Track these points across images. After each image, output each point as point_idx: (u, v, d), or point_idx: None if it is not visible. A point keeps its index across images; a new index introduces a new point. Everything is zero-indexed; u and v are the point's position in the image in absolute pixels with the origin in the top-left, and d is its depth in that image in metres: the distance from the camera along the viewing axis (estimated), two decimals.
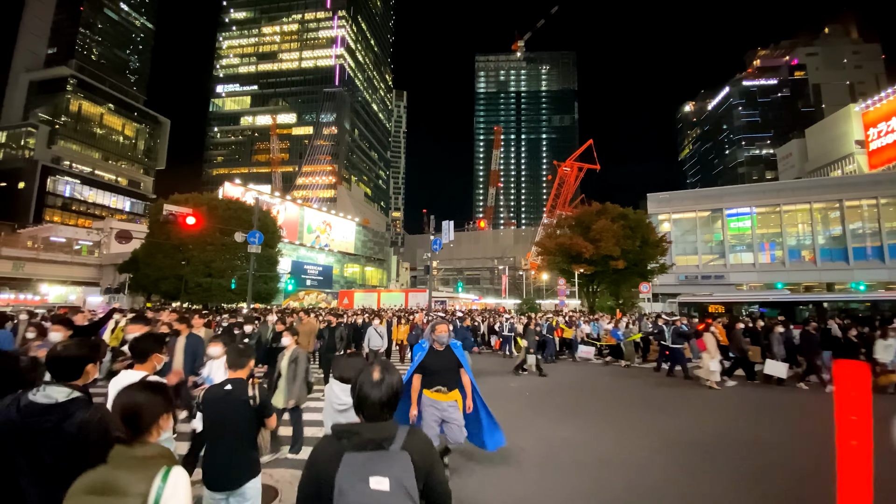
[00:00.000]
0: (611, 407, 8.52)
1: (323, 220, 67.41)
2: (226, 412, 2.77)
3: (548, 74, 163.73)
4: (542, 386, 10.46)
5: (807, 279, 40.54)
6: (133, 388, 1.72)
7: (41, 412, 1.88)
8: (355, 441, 1.57)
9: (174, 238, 26.70)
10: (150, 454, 1.59)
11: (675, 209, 43.65)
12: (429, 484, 1.60)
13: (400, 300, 43.62)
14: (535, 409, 8.23)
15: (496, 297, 65.60)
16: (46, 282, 36.55)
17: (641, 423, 7.30)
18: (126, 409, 1.62)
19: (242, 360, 3.01)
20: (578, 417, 7.60)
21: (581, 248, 27.09)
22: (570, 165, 59.01)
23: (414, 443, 1.60)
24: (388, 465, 1.52)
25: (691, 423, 7.27)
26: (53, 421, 1.87)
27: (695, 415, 7.92)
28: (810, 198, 40.39)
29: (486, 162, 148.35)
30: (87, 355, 2.17)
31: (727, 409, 8.39)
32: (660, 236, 30.01)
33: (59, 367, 2.08)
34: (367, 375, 1.71)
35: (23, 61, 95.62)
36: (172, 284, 27.49)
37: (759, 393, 10.05)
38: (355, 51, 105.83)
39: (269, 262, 30.20)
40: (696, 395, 9.72)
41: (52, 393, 1.94)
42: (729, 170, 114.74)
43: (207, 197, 30.31)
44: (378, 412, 1.66)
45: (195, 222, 13.27)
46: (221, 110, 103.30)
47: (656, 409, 8.28)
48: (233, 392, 2.80)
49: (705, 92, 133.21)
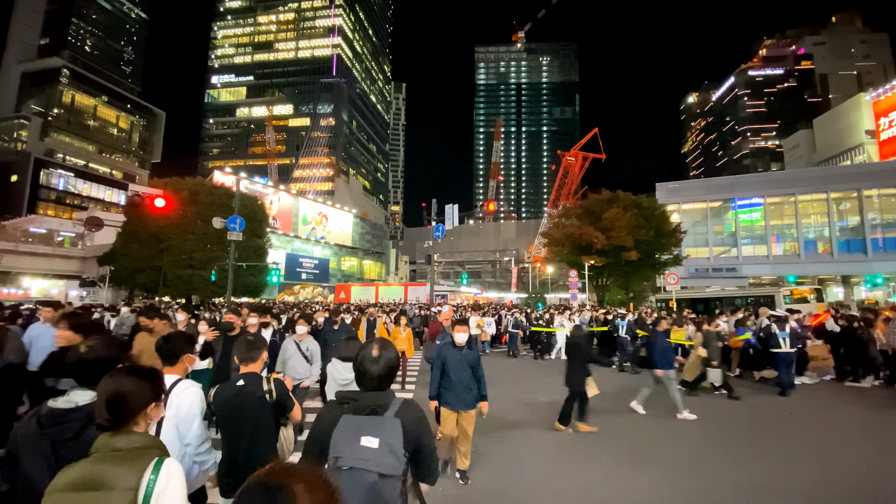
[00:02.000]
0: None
1: (319, 211, 65.40)
2: (240, 411, 2.54)
3: (549, 66, 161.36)
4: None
5: (823, 272, 39.05)
6: (120, 373, 1.62)
7: (61, 418, 1.74)
8: (353, 406, 1.80)
9: (151, 226, 24.48)
10: (137, 445, 1.48)
11: (684, 199, 41.97)
12: (418, 448, 1.83)
13: (399, 294, 42.21)
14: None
15: (498, 291, 64.15)
16: (28, 275, 35.04)
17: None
18: (111, 395, 1.52)
19: (253, 352, 2.78)
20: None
21: (592, 238, 25.47)
22: (574, 155, 57.18)
23: (406, 412, 1.82)
24: (379, 427, 1.71)
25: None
26: (75, 429, 1.73)
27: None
28: (827, 187, 38.73)
29: (486, 155, 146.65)
30: (115, 356, 2.02)
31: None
32: (674, 225, 28.33)
33: (85, 372, 1.89)
34: (367, 352, 1.92)
35: (15, 52, 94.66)
36: (150, 277, 25.30)
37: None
38: (353, 40, 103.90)
39: (257, 253, 28.06)
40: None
41: (75, 397, 1.81)
42: (733, 162, 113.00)
43: (189, 182, 28.03)
44: (376, 384, 1.87)
45: (165, 204, 11.62)
46: (217, 101, 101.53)
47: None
48: (246, 388, 2.58)
49: (709, 83, 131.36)
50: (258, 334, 3.31)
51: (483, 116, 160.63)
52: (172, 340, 2.80)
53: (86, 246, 36.66)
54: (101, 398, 1.53)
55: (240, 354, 2.77)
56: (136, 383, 1.58)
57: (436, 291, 40.57)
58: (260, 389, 2.58)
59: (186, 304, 23.35)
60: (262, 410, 2.57)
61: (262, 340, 2.97)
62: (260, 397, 2.57)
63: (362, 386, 1.88)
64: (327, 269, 63.97)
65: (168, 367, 2.65)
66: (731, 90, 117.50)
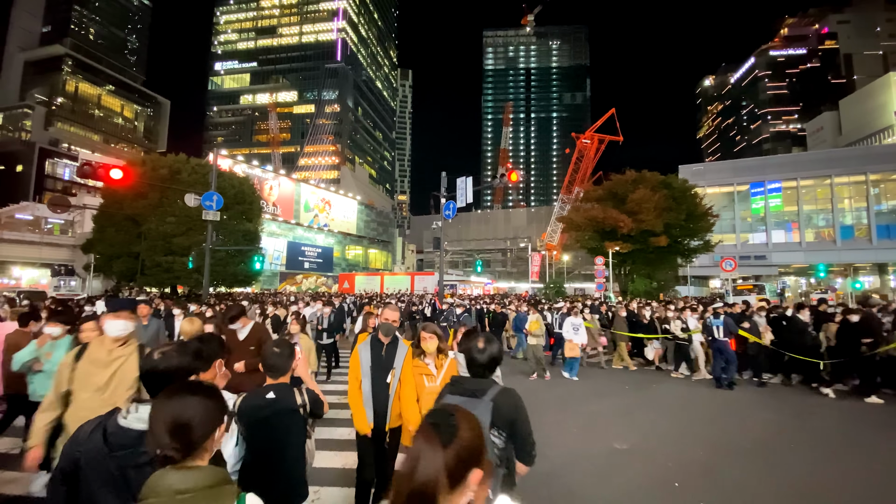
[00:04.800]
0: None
1: (321, 197, 63.10)
2: (269, 425, 2.29)
3: (559, 50, 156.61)
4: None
5: (859, 259, 36.51)
6: (181, 390, 1.32)
7: (134, 441, 1.50)
8: (458, 388, 2.11)
9: (128, 208, 22.24)
10: (209, 483, 1.18)
11: (709, 182, 39.31)
12: (513, 430, 2.02)
13: (405, 284, 40.24)
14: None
15: (510, 281, 61.97)
16: (18, 264, 33.48)
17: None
18: (176, 419, 1.22)
19: (284, 362, 2.46)
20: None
21: (618, 221, 23.21)
22: (589, 137, 54.37)
23: (502, 398, 2.03)
24: (475, 407, 1.93)
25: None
26: (151, 454, 1.39)
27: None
28: (866, 168, 35.95)
29: (495, 142, 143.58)
30: (190, 366, 1.78)
31: None
32: (706, 208, 25.86)
33: (157, 383, 1.65)
34: (474, 343, 2.16)
35: (17, 40, 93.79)
36: (126, 264, 23.08)
37: None
38: (358, 24, 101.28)
39: (248, 239, 25.86)
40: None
41: (146, 415, 1.42)
42: (752, 147, 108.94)
43: (171, 158, 25.58)
44: (480, 371, 2.15)
45: (123, 177, 9.63)
46: (221, 89, 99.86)
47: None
48: (278, 401, 2.34)
49: (727, 65, 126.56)
50: (287, 341, 2.69)
51: (491, 103, 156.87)
52: (207, 343, 2.36)
53: (76, 233, 35.05)
54: (162, 422, 1.21)
55: (269, 364, 2.45)
56: (202, 403, 1.26)
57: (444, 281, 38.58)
58: (294, 402, 2.38)
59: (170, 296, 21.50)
60: (294, 424, 2.38)
61: (292, 348, 2.57)
62: (294, 410, 2.37)
63: (471, 372, 2.17)
64: (331, 257, 61.99)
65: (201, 373, 2.11)
66: (750, 72, 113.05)
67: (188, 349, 1.86)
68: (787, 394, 8.37)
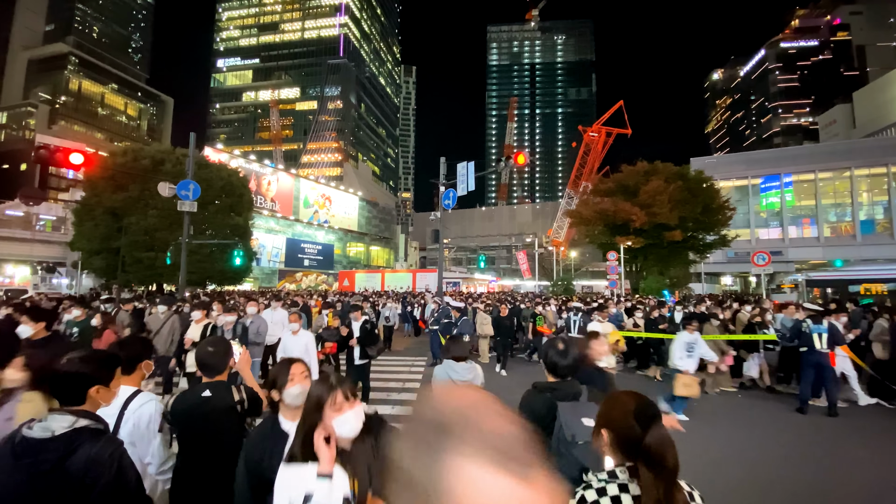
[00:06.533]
0: None
1: (321, 193, 61.95)
2: (204, 423, 2.24)
3: (563, 45, 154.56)
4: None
5: (881, 255, 34.93)
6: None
7: (36, 449, 1.50)
8: (557, 394, 2.14)
9: (106, 200, 21.22)
10: None
11: (723, 175, 37.83)
12: None
13: (406, 281, 39.16)
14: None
15: (514, 279, 60.72)
16: (11, 262, 32.69)
17: None
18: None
19: (220, 361, 2.40)
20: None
21: (630, 215, 22.01)
22: (597, 130, 53.00)
23: (597, 397, 2.07)
24: (592, 410, 1.93)
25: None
26: (52, 460, 1.48)
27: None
28: (888, 159, 34.41)
29: (499, 139, 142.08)
30: (91, 373, 1.67)
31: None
32: (723, 200, 24.56)
33: (61, 389, 1.65)
34: (554, 348, 2.25)
35: (20, 38, 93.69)
36: (106, 260, 22.00)
37: None
38: (360, 20, 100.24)
39: (237, 234, 24.74)
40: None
41: (51, 424, 1.52)
42: (762, 141, 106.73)
43: (154, 148, 24.66)
44: (569, 373, 2.22)
45: (83, 162, 8.65)
46: (223, 86, 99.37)
47: None
48: (213, 399, 2.28)
49: (736, 58, 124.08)
50: (222, 339, 2.50)
51: (495, 99, 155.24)
52: (130, 346, 2.45)
53: (68, 230, 34.30)
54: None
55: (203, 362, 2.38)
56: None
57: (447, 278, 37.46)
58: (231, 399, 2.31)
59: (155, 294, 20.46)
60: (229, 422, 2.30)
61: (228, 346, 2.52)
62: (231, 407, 2.30)
63: (556, 375, 2.22)
64: (331, 255, 60.96)
65: (125, 378, 2.19)
66: (760, 64, 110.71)
67: (91, 358, 1.72)
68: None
